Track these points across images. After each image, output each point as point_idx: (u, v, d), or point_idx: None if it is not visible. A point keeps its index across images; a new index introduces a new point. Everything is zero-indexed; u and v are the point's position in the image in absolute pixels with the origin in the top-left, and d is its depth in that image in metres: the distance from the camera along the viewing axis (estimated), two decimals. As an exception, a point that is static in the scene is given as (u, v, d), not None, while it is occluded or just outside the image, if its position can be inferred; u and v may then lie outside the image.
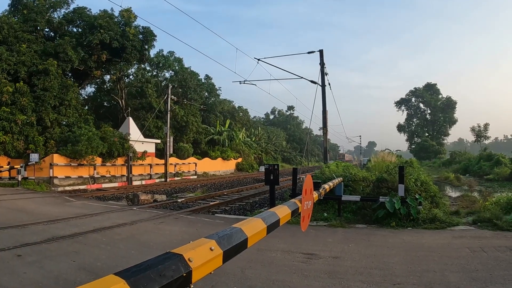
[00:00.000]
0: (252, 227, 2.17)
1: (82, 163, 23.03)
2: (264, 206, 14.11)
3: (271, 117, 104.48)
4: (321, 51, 20.92)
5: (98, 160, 24.31)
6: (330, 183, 7.72)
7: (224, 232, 1.90)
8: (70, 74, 28.15)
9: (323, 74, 20.82)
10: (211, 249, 1.65)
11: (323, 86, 20.93)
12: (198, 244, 1.64)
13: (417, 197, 9.55)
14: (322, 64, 20.77)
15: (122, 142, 26.12)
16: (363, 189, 11.83)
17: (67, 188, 20.51)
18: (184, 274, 1.42)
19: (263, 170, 13.07)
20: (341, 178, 11.13)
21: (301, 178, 14.39)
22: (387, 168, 12.70)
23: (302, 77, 21.86)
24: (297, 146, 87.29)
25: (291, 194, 10.23)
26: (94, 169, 23.79)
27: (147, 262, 1.36)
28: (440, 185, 22.89)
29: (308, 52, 21.10)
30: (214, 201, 15.50)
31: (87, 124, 25.88)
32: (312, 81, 20.96)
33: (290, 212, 3.03)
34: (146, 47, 30.43)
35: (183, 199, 15.88)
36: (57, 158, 22.03)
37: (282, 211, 2.84)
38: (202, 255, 1.58)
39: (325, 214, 10.44)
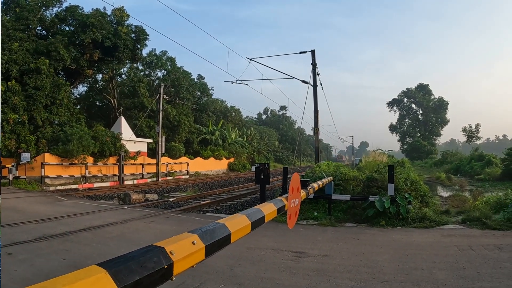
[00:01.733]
0: (236, 223, 2.22)
1: (73, 162, 22.92)
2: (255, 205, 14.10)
3: (264, 117, 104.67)
4: (313, 51, 21.02)
5: (90, 160, 24.22)
6: (320, 182, 7.77)
7: (207, 227, 1.95)
8: (62, 73, 27.96)
9: (314, 74, 20.91)
10: (193, 243, 1.70)
11: (314, 86, 21.02)
12: (180, 238, 1.68)
13: (406, 196, 9.62)
14: (314, 64, 20.87)
15: (114, 141, 26.03)
16: (353, 189, 11.92)
17: (59, 187, 20.42)
18: (166, 266, 1.47)
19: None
20: (331, 177, 11.19)
21: (292, 178, 14.41)
22: (378, 168, 12.78)
23: (294, 77, 21.94)
24: (290, 146, 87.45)
25: (281, 193, 10.26)
26: (86, 168, 23.66)
27: (129, 254, 1.40)
28: (431, 185, 23.05)
29: (300, 52, 21.20)
30: (205, 201, 15.51)
31: (79, 123, 25.74)
32: (303, 81, 21.03)
33: (276, 210, 3.07)
34: (139, 46, 30.35)
35: (175, 199, 15.88)
36: (49, 158, 21.90)
37: (268, 208, 2.89)
38: (184, 248, 1.62)
39: (315, 213, 10.51)
